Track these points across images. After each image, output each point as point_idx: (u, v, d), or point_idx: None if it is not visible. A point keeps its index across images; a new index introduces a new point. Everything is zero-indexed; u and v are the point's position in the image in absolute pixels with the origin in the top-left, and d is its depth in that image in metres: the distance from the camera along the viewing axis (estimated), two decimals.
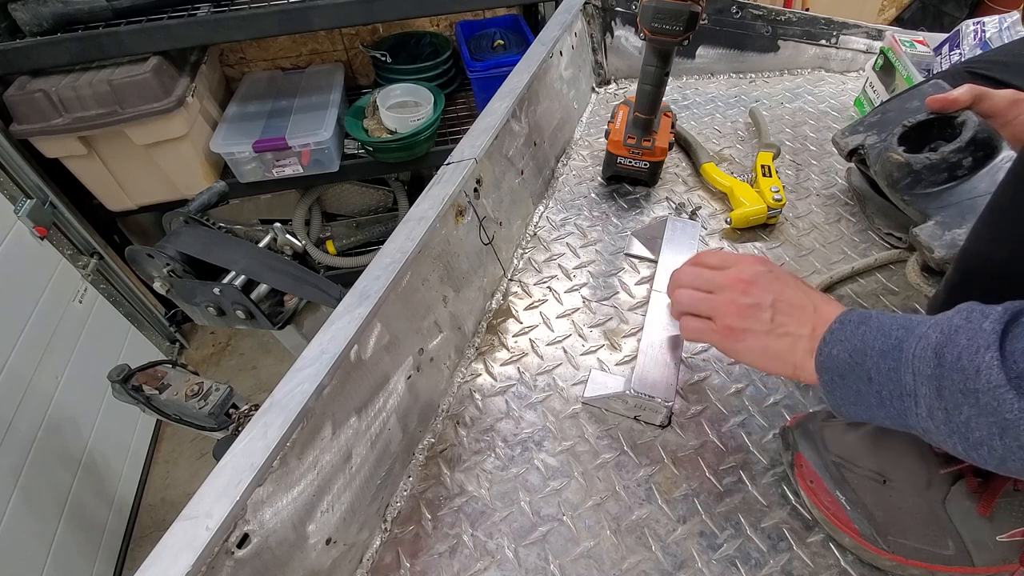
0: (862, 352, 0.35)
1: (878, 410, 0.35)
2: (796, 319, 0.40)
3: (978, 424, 0.30)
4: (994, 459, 0.30)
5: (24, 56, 1.12)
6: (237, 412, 0.69)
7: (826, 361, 0.37)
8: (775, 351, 0.40)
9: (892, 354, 0.34)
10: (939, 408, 0.31)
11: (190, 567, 0.29)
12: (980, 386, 0.29)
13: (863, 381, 0.35)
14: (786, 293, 0.41)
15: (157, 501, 1.40)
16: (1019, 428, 0.28)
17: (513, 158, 0.65)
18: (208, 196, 0.76)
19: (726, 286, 0.43)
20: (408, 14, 1.27)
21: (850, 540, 0.41)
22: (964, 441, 0.31)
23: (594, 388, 0.52)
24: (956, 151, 0.54)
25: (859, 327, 0.36)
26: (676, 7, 0.54)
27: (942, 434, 0.32)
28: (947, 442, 0.32)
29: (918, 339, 0.33)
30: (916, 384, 0.32)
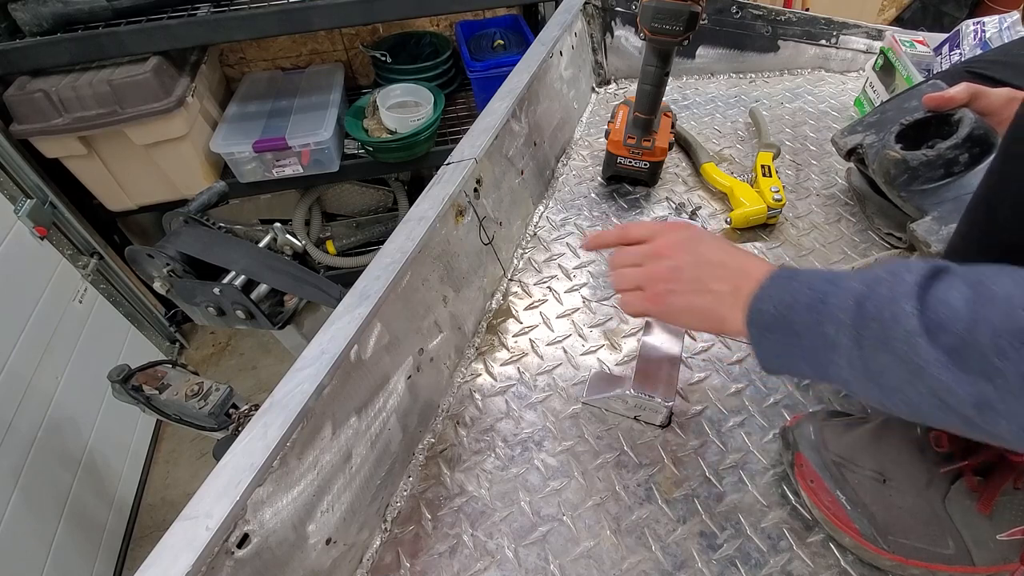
0: (790, 306, 0.36)
1: (802, 363, 0.36)
2: (718, 276, 0.42)
3: (893, 372, 0.31)
4: (907, 406, 0.31)
5: (24, 56, 1.12)
6: (237, 412, 0.69)
7: (755, 316, 0.38)
8: (700, 308, 0.42)
9: (817, 307, 0.35)
10: (858, 357, 0.32)
11: (190, 567, 0.29)
12: (897, 334, 0.30)
13: (789, 335, 0.36)
14: (707, 254, 0.43)
15: (157, 501, 1.40)
16: (930, 374, 0.29)
17: (513, 158, 0.65)
18: (208, 196, 0.76)
19: (651, 255, 0.45)
20: (408, 14, 1.27)
21: (850, 540, 0.41)
22: (881, 390, 0.32)
23: (594, 388, 0.52)
24: (952, 148, 0.54)
25: (789, 282, 0.37)
26: (676, 7, 0.54)
27: (860, 384, 0.33)
28: (864, 391, 0.33)
29: (842, 291, 0.34)
30: (837, 335, 0.33)
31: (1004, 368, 0.26)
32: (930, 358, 0.29)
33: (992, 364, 0.27)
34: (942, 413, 0.30)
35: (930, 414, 0.30)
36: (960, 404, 0.28)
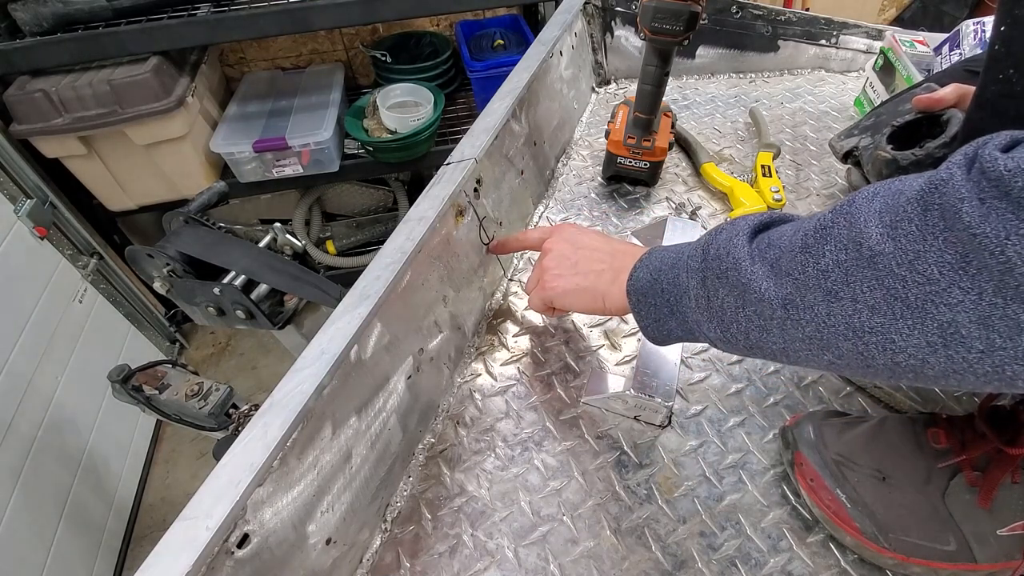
0: (658, 270, 0.40)
1: (670, 320, 0.39)
2: (595, 259, 0.48)
3: (727, 302, 0.34)
4: (741, 335, 0.34)
5: (24, 56, 1.12)
6: (237, 412, 0.69)
7: (634, 284, 0.42)
8: (582, 287, 0.47)
9: (675, 263, 0.39)
10: (703, 296, 0.36)
11: (190, 567, 0.29)
12: (728, 264, 0.34)
13: (658, 295, 0.40)
14: (584, 242, 0.50)
15: (157, 501, 1.40)
16: (750, 289, 0.32)
17: (513, 158, 0.65)
18: (208, 196, 0.76)
19: (542, 254, 0.52)
20: (408, 14, 1.27)
21: (851, 539, 0.41)
22: (721, 323, 0.35)
23: (594, 388, 0.52)
24: (940, 146, 0.56)
25: (661, 252, 0.42)
26: (676, 7, 0.54)
27: (706, 321, 0.36)
28: (710, 329, 0.36)
29: (693, 246, 0.38)
30: (688, 280, 0.37)
31: (804, 261, 0.29)
32: (751, 273, 0.32)
33: (796, 259, 0.30)
34: (764, 331, 0.32)
35: (758, 339, 0.33)
36: (773, 310, 0.31)
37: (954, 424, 0.40)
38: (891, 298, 0.26)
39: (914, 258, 0.25)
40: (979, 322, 0.23)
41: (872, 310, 0.27)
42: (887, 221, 0.26)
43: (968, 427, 0.40)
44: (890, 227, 0.26)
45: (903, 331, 0.26)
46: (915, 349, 0.26)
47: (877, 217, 0.26)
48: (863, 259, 0.27)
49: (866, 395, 0.51)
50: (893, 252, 0.25)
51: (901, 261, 0.25)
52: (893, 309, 0.26)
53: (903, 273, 0.25)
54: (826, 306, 0.28)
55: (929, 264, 0.24)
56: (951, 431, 0.40)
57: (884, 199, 0.27)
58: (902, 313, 0.26)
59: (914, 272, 0.25)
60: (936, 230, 0.24)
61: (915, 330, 0.25)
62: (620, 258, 0.46)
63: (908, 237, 0.25)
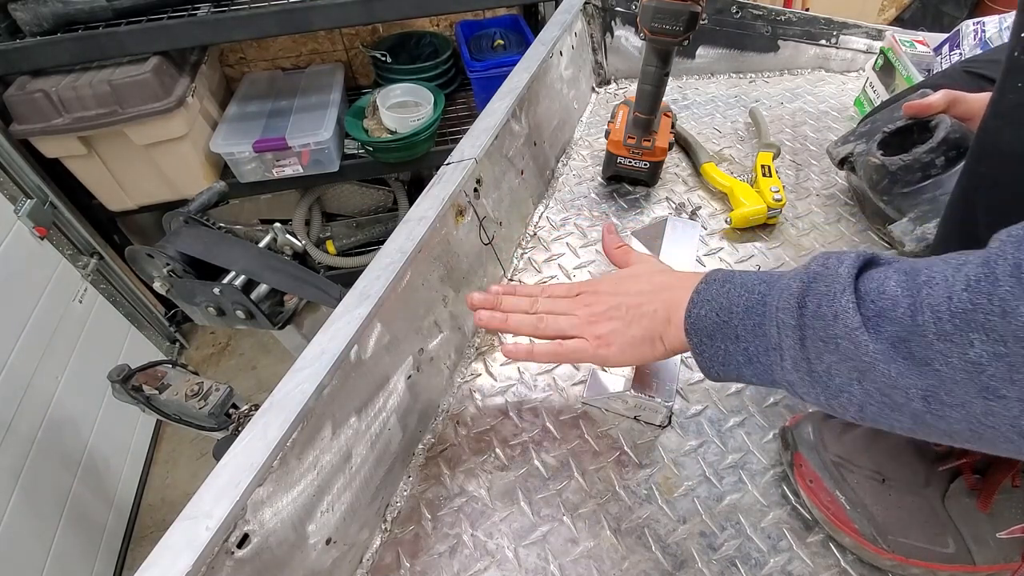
0: (728, 310, 0.36)
1: (746, 368, 0.35)
2: (646, 302, 0.42)
3: (838, 371, 0.30)
4: (853, 406, 0.30)
5: (24, 56, 1.12)
6: (237, 412, 0.69)
7: (695, 322, 0.37)
8: (639, 337, 0.42)
9: (757, 309, 0.34)
10: (802, 359, 0.31)
11: (190, 567, 0.29)
12: (839, 331, 0.29)
13: (730, 340, 0.35)
14: (631, 287, 0.45)
15: (157, 501, 1.40)
16: (876, 370, 0.28)
17: (513, 158, 0.65)
18: (208, 196, 0.76)
19: (580, 306, 0.46)
20: (408, 14, 1.27)
21: (850, 540, 0.41)
22: (826, 390, 0.31)
23: (594, 388, 0.52)
24: (928, 151, 0.56)
25: (724, 285, 0.37)
26: (676, 7, 0.54)
27: (806, 385, 0.32)
28: (811, 394, 0.32)
29: (780, 292, 0.33)
30: (780, 337, 0.32)
31: (948, 352, 0.25)
32: (874, 352, 0.28)
33: (935, 349, 0.26)
34: (891, 411, 0.29)
35: (879, 414, 0.30)
36: (907, 398, 0.27)
37: None
38: None
39: None
40: None
41: None
42: None
43: None
44: None
45: None
46: None
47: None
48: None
49: None
50: None
51: None
52: None
53: None
54: (983, 404, 0.25)
55: None
56: None
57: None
58: None
59: None
60: None
61: None
62: (672, 292, 0.41)
63: None
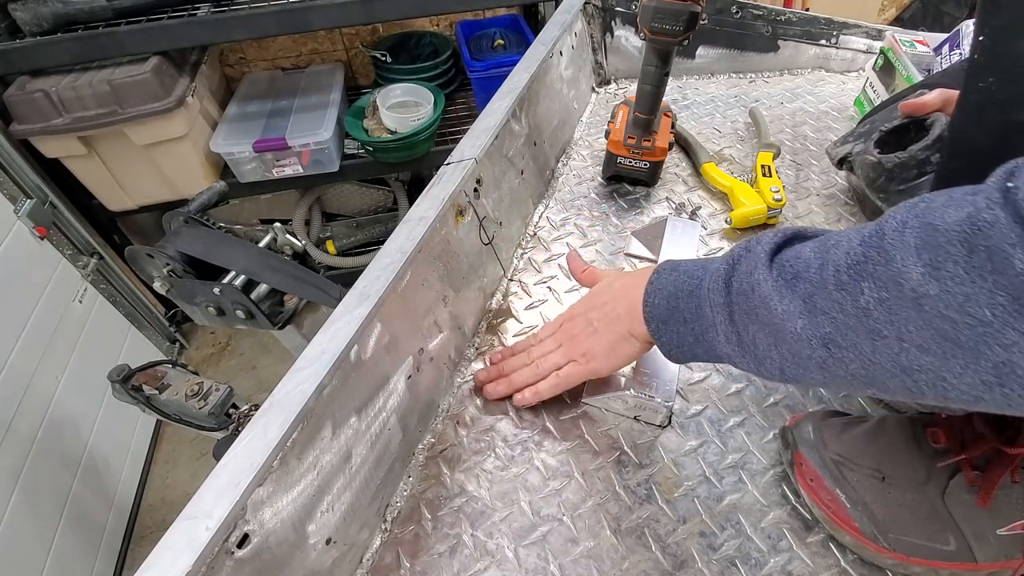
0: (676, 296, 0.40)
1: (696, 347, 0.39)
2: (612, 307, 0.47)
3: (760, 338, 0.34)
4: (776, 368, 0.34)
5: (24, 56, 1.12)
6: (237, 412, 0.69)
7: (651, 311, 0.42)
8: (614, 340, 0.46)
9: (696, 293, 0.38)
10: (733, 332, 0.35)
11: (190, 567, 0.29)
12: (756, 302, 0.33)
13: (680, 323, 0.40)
14: (597, 300, 0.49)
15: (157, 501, 1.40)
16: (785, 330, 0.31)
17: (513, 158, 0.65)
18: (208, 196, 0.76)
19: (563, 334, 0.51)
20: (408, 14, 1.27)
21: (851, 539, 0.41)
22: (755, 358, 0.35)
23: (594, 388, 0.52)
24: (923, 149, 0.57)
25: (671, 273, 0.41)
26: (676, 7, 0.54)
27: (739, 356, 0.36)
28: (744, 362, 0.36)
29: (712, 275, 0.37)
30: (714, 315, 0.37)
31: (843, 300, 0.28)
32: (783, 313, 0.31)
33: (834, 299, 0.29)
34: (803, 367, 0.32)
35: (795, 371, 0.33)
36: (812, 349, 0.30)
37: (953, 424, 0.41)
38: (941, 339, 0.25)
39: (964, 301, 0.24)
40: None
41: (921, 350, 0.26)
42: (927, 260, 0.25)
43: (967, 427, 0.40)
44: (932, 267, 0.25)
45: (955, 370, 0.26)
46: (968, 387, 0.26)
47: (915, 255, 0.26)
48: (906, 299, 0.26)
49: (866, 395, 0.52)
50: (939, 294, 0.25)
51: (949, 303, 0.25)
52: (943, 349, 0.26)
53: (952, 315, 0.25)
54: (870, 345, 0.28)
55: (981, 306, 0.24)
56: (950, 431, 0.40)
57: (918, 233, 0.26)
58: (954, 353, 0.25)
59: (965, 315, 0.24)
60: (985, 272, 0.24)
61: (968, 369, 0.25)
62: (630, 291, 0.44)
63: (955, 280, 0.24)
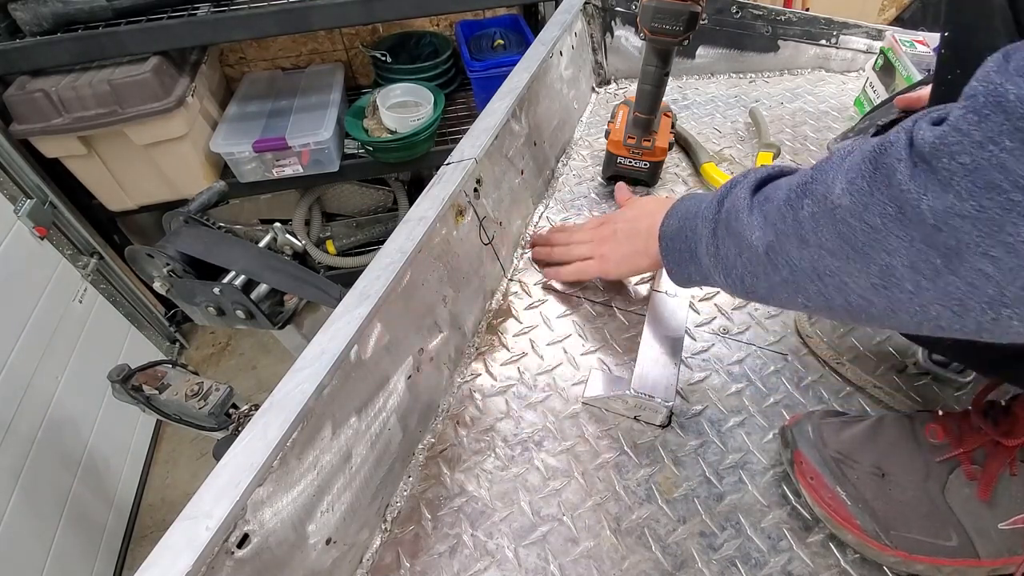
0: (684, 217, 0.44)
1: (689, 264, 0.43)
2: (635, 224, 0.54)
3: (729, 249, 0.38)
4: (738, 279, 0.37)
5: (24, 56, 1.12)
6: (237, 412, 0.69)
7: (664, 230, 0.46)
8: (630, 252, 0.53)
9: (697, 212, 0.42)
10: (712, 244, 0.39)
11: (190, 567, 0.29)
12: (732, 216, 0.37)
13: (681, 240, 0.44)
14: (628, 215, 0.56)
15: (157, 501, 1.40)
16: (744, 238, 0.35)
17: (513, 158, 0.65)
18: (208, 196, 0.76)
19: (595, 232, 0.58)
20: (408, 14, 1.27)
21: (853, 537, 0.41)
22: (724, 268, 0.38)
23: (594, 388, 0.52)
24: None
25: (688, 200, 0.46)
26: (676, 7, 0.54)
27: (712, 268, 0.40)
28: (716, 275, 0.40)
29: (711, 198, 0.41)
30: (703, 229, 0.41)
31: (786, 213, 0.32)
32: (746, 222, 0.35)
33: (781, 212, 0.33)
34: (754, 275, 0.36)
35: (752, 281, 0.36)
36: (758, 256, 0.34)
37: (951, 419, 0.41)
38: (844, 244, 0.29)
39: (863, 209, 0.28)
40: (910, 266, 0.26)
41: (832, 254, 0.30)
42: (849, 177, 0.29)
43: (965, 422, 0.40)
44: (849, 182, 0.28)
45: (853, 273, 0.29)
46: (862, 290, 0.29)
47: (844, 174, 0.29)
48: (827, 210, 0.30)
49: (865, 395, 0.51)
50: (849, 204, 0.28)
51: (854, 212, 0.28)
52: (846, 253, 0.29)
53: (854, 222, 0.28)
54: (798, 252, 0.32)
55: (874, 214, 0.27)
56: (948, 426, 0.40)
57: (853, 157, 0.29)
58: (852, 257, 0.29)
59: (862, 221, 0.28)
60: (881, 185, 0.27)
61: (862, 273, 0.29)
62: (655, 214, 0.49)
63: (860, 192, 0.28)
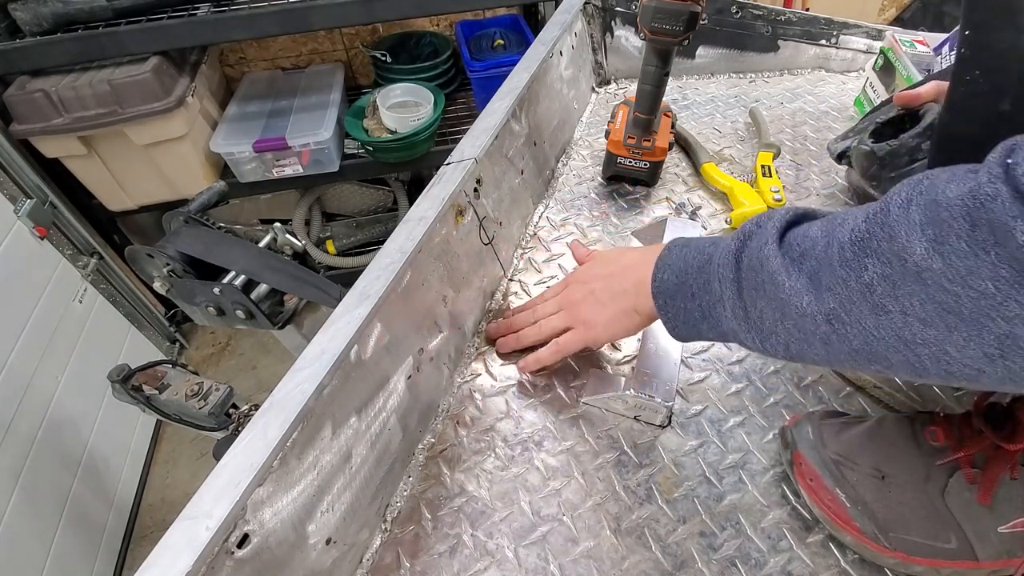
0: (684, 271, 0.40)
1: (702, 323, 0.39)
2: (617, 280, 0.48)
3: (767, 313, 0.34)
4: (781, 345, 0.34)
5: (24, 56, 1.12)
6: (237, 412, 0.69)
7: (659, 286, 0.42)
8: (617, 312, 0.47)
9: (705, 268, 0.38)
10: (740, 307, 0.35)
11: (190, 567, 0.29)
12: (765, 277, 0.33)
13: (687, 298, 0.40)
14: (601, 271, 0.50)
15: (157, 501, 1.40)
16: (791, 305, 0.32)
17: (513, 158, 0.65)
18: (208, 196, 0.76)
19: (565, 299, 0.52)
20: (408, 14, 1.27)
21: (852, 538, 0.41)
22: (760, 333, 0.35)
23: (594, 388, 0.52)
24: (914, 136, 0.58)
25: (682, 250, 0.42)
26: (676, 7, 0.54)
27: (744, 331, 0.36)
28: (749, 338, 0.36)
29: (723, 250, 0.37)
30: (722, 290, 0.37)
31: (847, 276, 0.29)
32: (790, 289, 0.32)
33: (838, 275, 0.29)
34: (807, 343, 0.32)
35: (800, 348, 0.33)
36: (816, 324, 0.31)
37: (952, 422, 0.41)
38: (944, 312, 0.26)
39: (967, 274, 0.25)
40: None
41: (924, 323, 0.27)
42: (931, 235, 0.26)
43: (966, 425, 0.40)
44: (935, 242, 0.25)
45: (958, 343, 0.26)
46: (971, 360, 0.26)
47: (919, 230, 0.26)
48: (909, 273, 0.26)
49: (866, 395, 0.51)
50: (943, 268, 0.25)
51: (953, 277, 0.25)
52: (947, 322, 0.26)
53: (956, 289, 0.25)
54: (874, 320, 0.28)
55: (983, 279, 0.24)
56: (949, 429, 0.40)
57: (922, 210, 0.26)
58: (956, 326, 0.26)
59: (968, 288, 0.25)
60: (987, 246, 0.24)
61: (971, 342, 0.26)
62: (639, 267, 0.45)
63: (958, 254, 0.25)
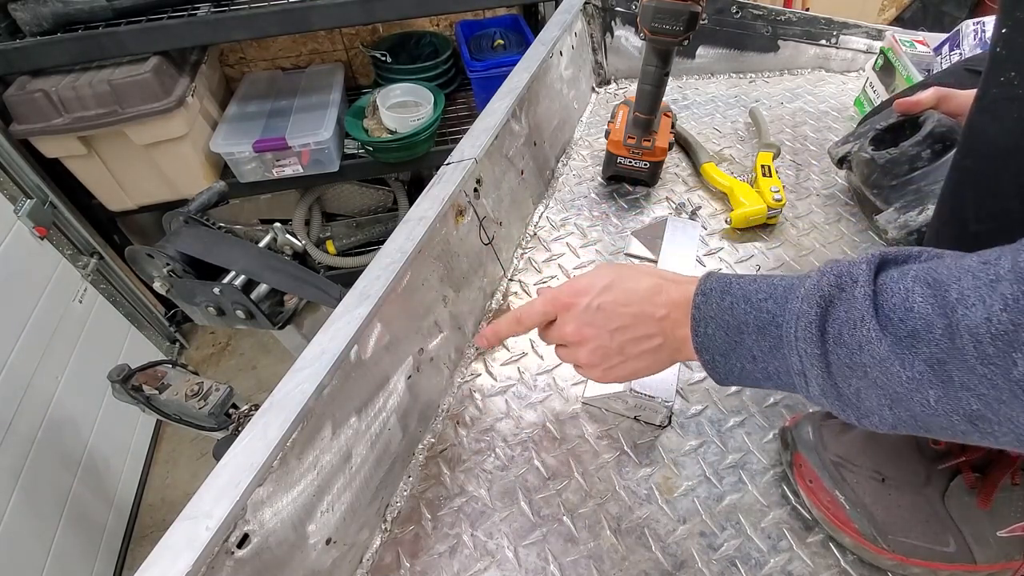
0: (738, 330, 0.35)
1: (764, 382, 0.35)
2: (641, 333, 0.40)
3: (868, 395, 0.30)
4: (886, 425, 0.30)
5: (24, 56, 1.12)
6: (237, 412, 0.69)
7: (704, 342, 0.36)
8: (645, 368, 0.42)
9: (770, 331, 0.33)
10: (831, 386, 0.31)
11: (190, 567, 0.29)
12: (866, 360, 0.29)
13: (747, 360, 0.35)
14: (616, 321, 0.41)
15: (157, 501, 1.40)
16: (912, 398, 0.28)
17: (513, 158, 0.65)
18: (208, 196, 0.76)
19: (569, 343, 0.44)
20: (408, 14, 1.27)
21: (850, 540, 0.41)
22: (856, 411, 0.31)
23: (594, 388, 0.52)
24: (914, 144, 0.58)
25: (723, 298, 0.36)
26: (676, 7, 0.54)
27: (835, 407, 0.32)
28: (838, 411, 0.32)
29: (796, 317, 0.32)
30: (804, 366, 0.32)
31: (992, 375, 0.25)
32: (908, 381, 0.27)
33: (978, 373, 0.25)
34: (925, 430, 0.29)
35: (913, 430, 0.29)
36: (953, 423, 0.27)
37: None
38: None
39: None
40: None
41: None
42: None
43: None
44: None
45: None
46: None
47: None
48: None
49: None
50: None
51: None
52: None
53: None
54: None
55: None
56: None
57: None
58: None
59: None
60: None
61: None
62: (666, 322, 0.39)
63: None
